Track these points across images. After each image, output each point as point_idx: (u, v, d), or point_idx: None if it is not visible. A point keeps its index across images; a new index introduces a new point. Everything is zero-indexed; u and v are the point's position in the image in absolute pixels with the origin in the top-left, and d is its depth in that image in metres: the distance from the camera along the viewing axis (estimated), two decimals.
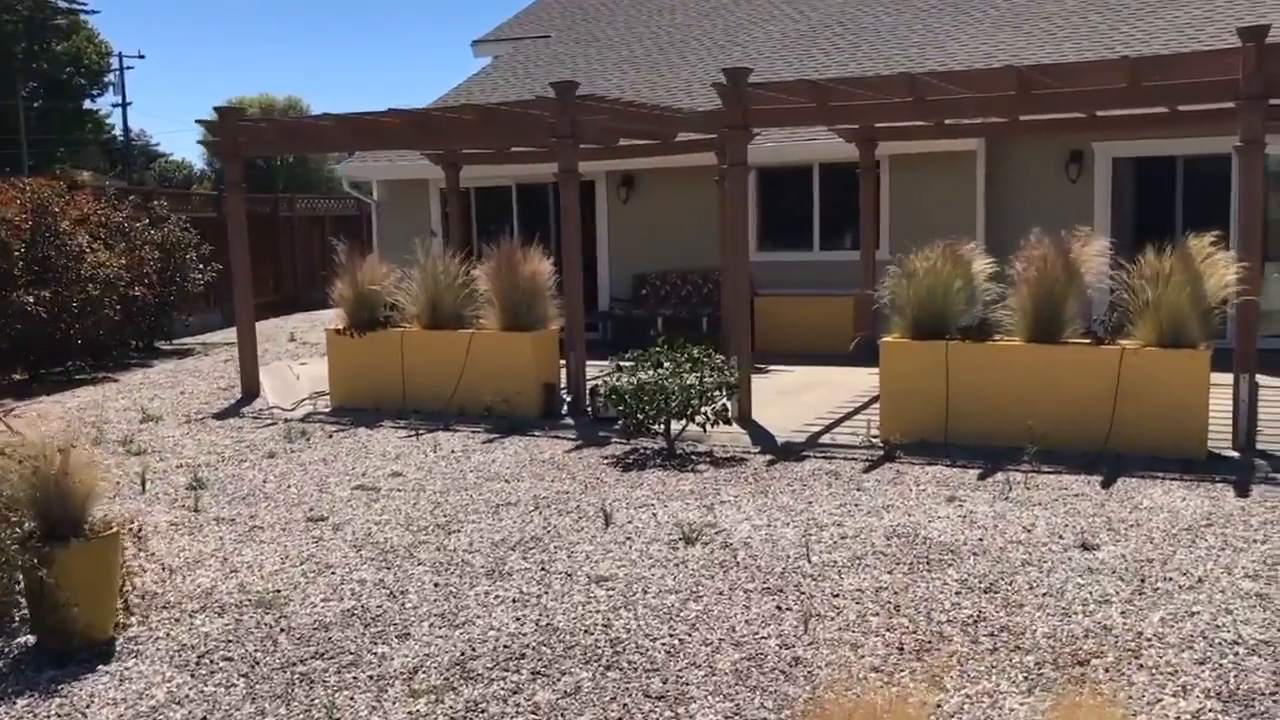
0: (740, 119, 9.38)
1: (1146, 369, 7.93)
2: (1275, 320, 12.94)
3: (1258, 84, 7.76)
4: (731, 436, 9.00)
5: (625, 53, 18.23)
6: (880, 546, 5.99)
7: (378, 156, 16.44)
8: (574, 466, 8.16)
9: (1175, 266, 7.89)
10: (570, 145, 10.07)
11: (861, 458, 8.27)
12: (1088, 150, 12.93)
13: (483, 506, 7.06)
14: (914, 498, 7.02)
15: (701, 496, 7.17)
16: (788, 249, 14.61)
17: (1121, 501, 6.79)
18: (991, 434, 8.26)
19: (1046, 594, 5.19)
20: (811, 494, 7.17)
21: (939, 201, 13.45)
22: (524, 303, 10.20)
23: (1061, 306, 8.33)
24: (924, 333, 8.74)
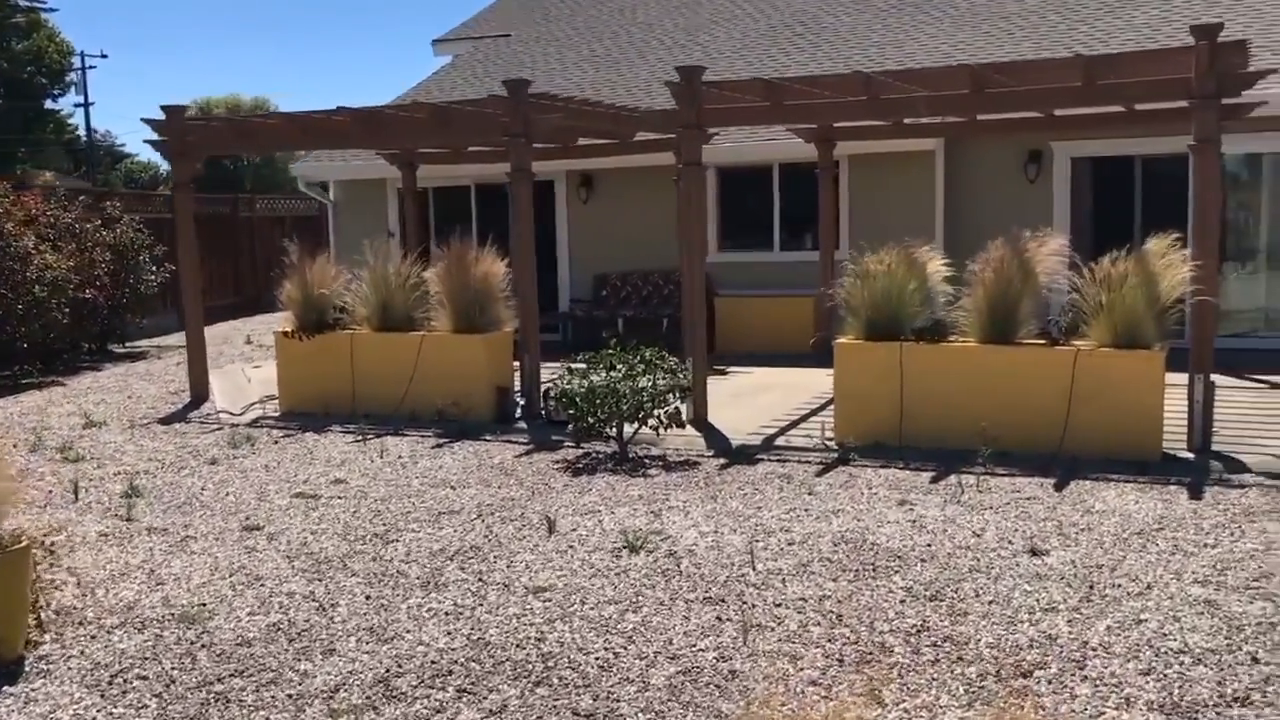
0: (694, 118, 9.24)
1: (1101, 370, 7.85)
2: (1234, 320, 12.96)
3: (1210, 83, 7.70)
4: (686, 440, 8.86)
5: (586, 51, 18.07)
6: (827, 553, 5.86)
7: (333, 156, 16.20)
8: (523, 472, 7.99)
9: (1130, 267, 7.82)
10: (523, 144, 9.90)
11: (815, 460, 8.15)
12: (1046, 150, 12.89)
13: (424, 514, 6.88)
14: (865, 502, 6.90)
15: (650, 502, 7.02)
16: (748, 249, 14.50)
17: (1074, 505, 6.69)
18: (946, 436, 8.16)
19: (993, 602, 5.08)
20: (762, 499, 7.04)
21: (898, 201, 13.37)
22: (476, 304, 10.02)
23: (1016, 307, 8.25)
24: (879, 334, 8.63)
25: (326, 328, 10.62)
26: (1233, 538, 5.95)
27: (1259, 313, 12.90)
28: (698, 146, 9.37)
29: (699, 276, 9.59)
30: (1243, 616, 4.81)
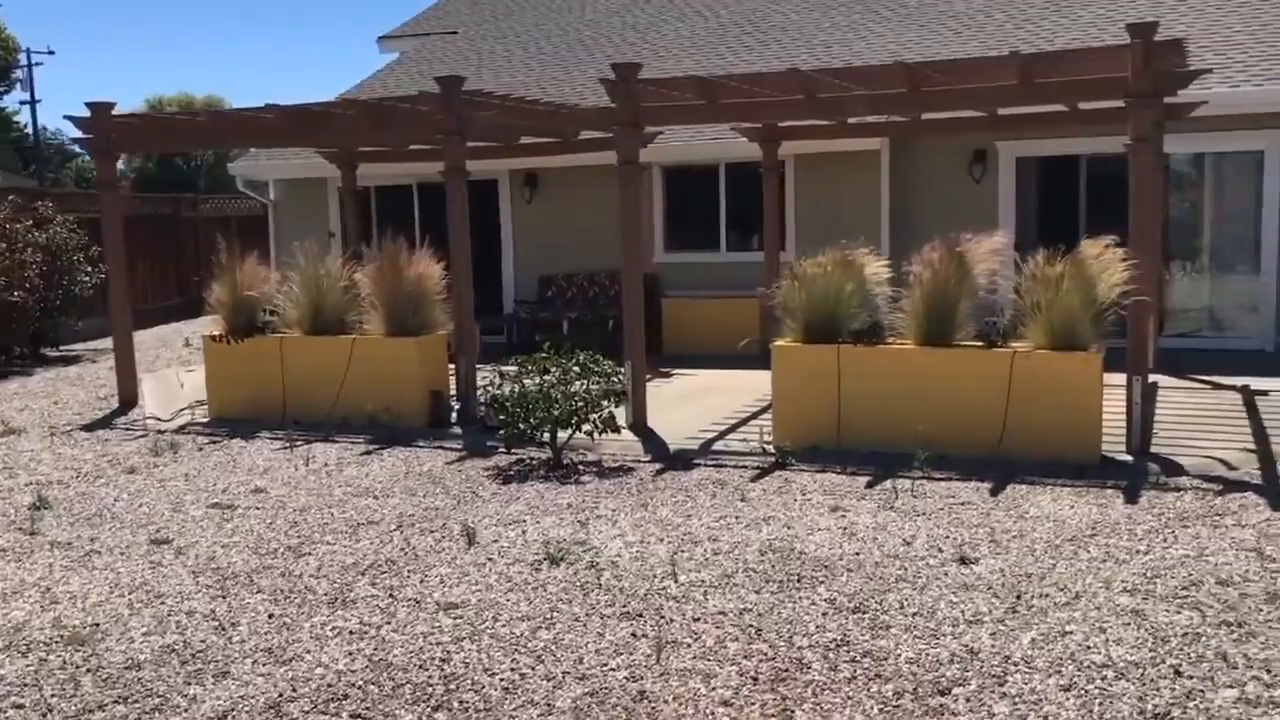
0: (631, 116, 9.05)
1: (1038, 372, 7.75)
2: (1179, 319, 12.97)
3: (1147, 82, 7.62)
4: (624, 445, 8.68)
5: (533, 49, 17.84)
6: (753, 563, 5.69)
7: (272, 155, 15.87)
8: (451, 480, 7.77)
9: (1067, 268, 7.72)
10: (457, 142, 9.67)
11: (752, 465, 8.00)
12: (991, 149, 12.84)
13: (342, 526, 6.65)
14: (797, 508, 6.75)
15: (579, 511, 6.83)
16: (696, 250, 14.35)
17: (1008, 510, 6.58)
18: (884, 439, 8.03)
19: (917, 614, 4.93)
20: (693, 506, 6.87)
21: (845, 202, 13.27)
22: (410, 307, 9.77)
23: (954, 309, 8.14)
24: (816, 336, 8.50)
25: (256, 331, 10.33)
26: (1165, 544, 5.85)
27: (1203, 312, 12.92)
28: (635, 145, 9.19)
29: (638, 279, 9.40)
30: (1169, 627, 4.69)
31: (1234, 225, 12.69)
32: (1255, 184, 12.15)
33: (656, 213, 14.36)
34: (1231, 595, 5.04)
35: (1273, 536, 5.90)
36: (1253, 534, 5.96)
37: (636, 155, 9.21)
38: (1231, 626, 4.67)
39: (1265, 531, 5.99)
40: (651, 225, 14.34)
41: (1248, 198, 12.35)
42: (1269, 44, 12.42)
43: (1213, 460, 7.70)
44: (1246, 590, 5.10)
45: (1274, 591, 5.06)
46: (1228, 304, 12.72)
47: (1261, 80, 11.74)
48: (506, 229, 15.12)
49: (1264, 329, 12.13)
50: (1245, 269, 12.46)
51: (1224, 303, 12.75)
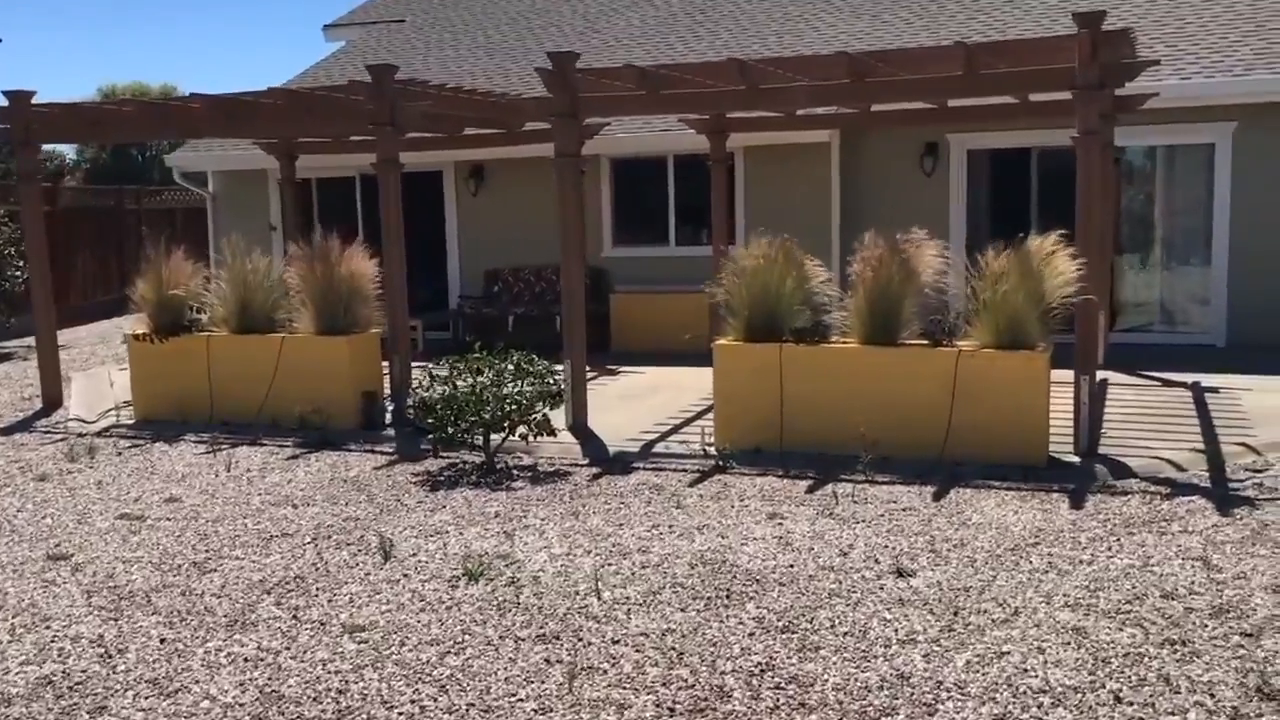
0: (568, 107, 8.74)
1: (983, 371, 7.54)
2: (1131, 314, 12.86)
3: (1094, 73, 7.41)
4: (562, 447, 8.39)
5: (481, 39, 17.46)
6: (682, 577, 5.42)
7: (210, 145, 15.40)
8: (377, 486, 7.45)
9: (1012, 265, 7.51)
10: (390, 133, 9.32)
11: (692, 469, 7.74)
12: (942, 142, 12.64)
13: (255, 538, 6.31)
14: (733, 516, 6.49)
15: (507, 520, 6.53)
16: (644, 244, 14.06)
17: (950, 517, 6.35)
18: (827, 441, 7.80)
19: (848, 633, 4.68)
20: (627, 514, 6.59)
21: (795, 195, 13.03)
22: (340, 304, 9.42)
23: (898, 307, 7.90)
24: (758, 335, 8.24)
25: (182, 330, 9.94)
26: (1109, 553, 5.64)
27: (1155, 307, 12.81)
28: (573, 137, 8.89)
29: (578, 275, 9.11)
30: (1110, 647, 4.47)
31: (1186, 219, 12.58)
32: (1206, 177, 12.04)
33: (604, 206, 14.06)
34: (1176, 610, 4.83)
35: (1219, 544, 5.71)
36: (1199, 542, 5.77)
37: (575, 147, 8.91)
38: (1175, 645, 4.46)
39: (1212, 539, 5.80)
40: (600, 219, 14.03)
41: (1199, 191, 12.24)
42: (1220, 35, 12.30)
43: (1161, 461, 7.53)
44: (1191, 604, 4.89)
45: (1219, 606, 4.86)
46: (1180, 298, 12.61)
47: (1212, 72, 11.62)
48: (451, 222, 14.76)
49: (1215, 324, 12.03)
50: (1197, 262, 12.36)
51: (1176, 297, 12.65)
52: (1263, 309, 11.68)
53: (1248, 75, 11.43)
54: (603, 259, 14.03)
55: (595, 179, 13.92)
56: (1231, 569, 5.33)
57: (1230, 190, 11.79)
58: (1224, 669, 4.24)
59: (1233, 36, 12.22)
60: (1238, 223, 11.79)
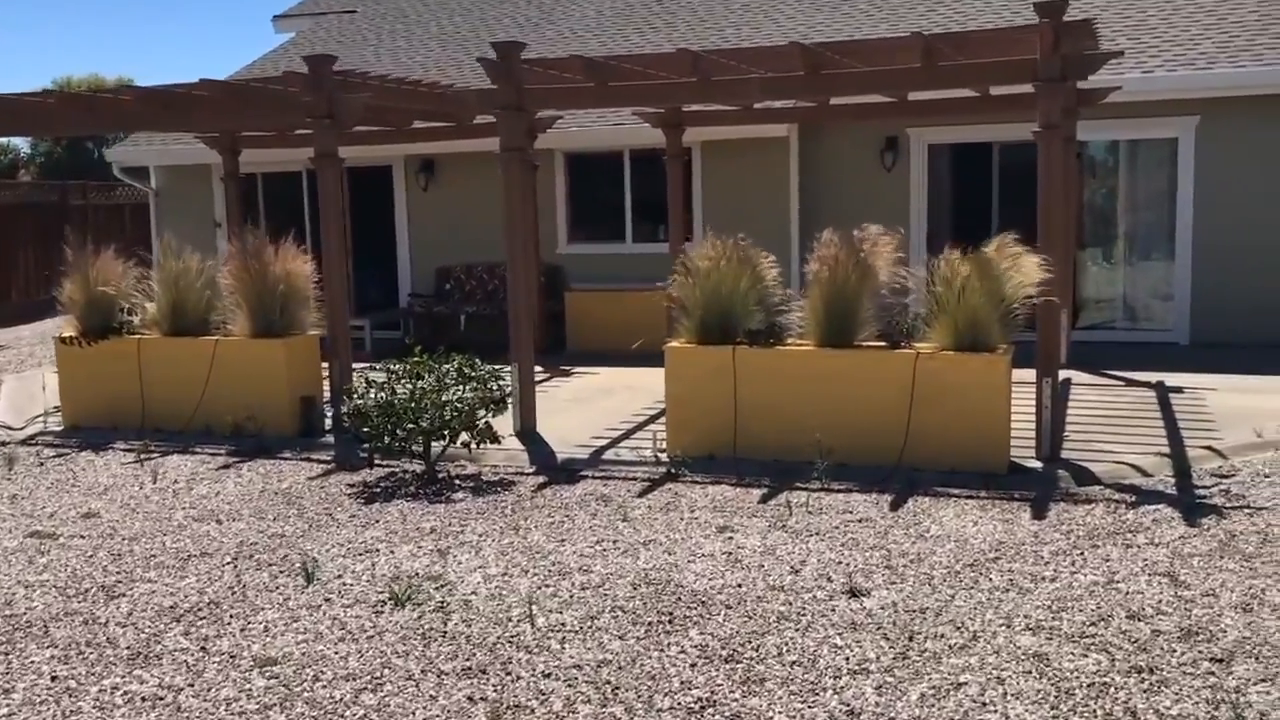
0: (513, 99, 8.39)
1: (942, 374, 7.27)
2: (1095, 310, 12.67)
3: (1055, 65, 7.15)
4: (508, 455, 8.05)
5: (434, 29, 17.04)
6: (623, 599, 5.10)
7: (152, 139, 14.90)
8: (310, 499, 7.07)
9: (972, 265, 7.24)
10: (327, 126, 8.91)
11: (643, 477, 7.42)
12: (903, 137, 12.38)
13: (171, 558, 5.92)
14: (682, 529, 6.17)
15: (442, 536, 6.18)
16: (600, 241, 13.72)
17: (907, 528, 6.07)
18: (783, 447, 7.50)
19: (797, 662, 4.37)
20: (570, 528, 6.26)
21: (753, 190, 12.74)
22: (276, 305, 9.00)
23: (855, 307, 7.61)
24: (712, 336, 7.93)
25: (112, 332, 9.49)
26: (1073, 568, 5.37)
27: (1118, 303, 12.63)
28: (519, 130, 8.54)
29: (524, 274, 8.77)
30: (1074, 675, 4.19)
31: (1149, 214, 12.41)
32: (1169, 172, 11.86)
33: (559, 202, 13.70)
34: (1143, 632, 4.56)
35: (1187, 557, 5.46)
36: (1166, 555, 5.52)
37: (521, 141, 8.56)
38: (1142, 673, 4.19)
39: (1179, 551, 5.56)
40: (554, 215, 13.68)
41: (1162, 186, 12.05)
42: (1182, 29, 12.12)
43: (1126, 466, 7.29)
44: (1159, 626, 4.63)
45: (1188, 627, 4.60)
46: (1143, 295, 12.43)
47: (1175, 66, 11.43)
48: (401, 218, 14.34)
49: (1178, 321, 11.85)
50: (1160, 259, 12.18)
51: (1139, 294, 12.47)
52: (1226, 306, 11.52)
53: (1210, 69, 11.26)
54: (558, 256, 13.68)
55: (550, 174, 13.57)
56: (1200, 585, 5.08)
57: (1193, 185, 11.61)
58: (1194, 699, 3.97)
59: (1195, 30, 12.04)
60: (1201, 218, 11.62)
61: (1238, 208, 11.48)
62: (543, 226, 13.50)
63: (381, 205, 14.34)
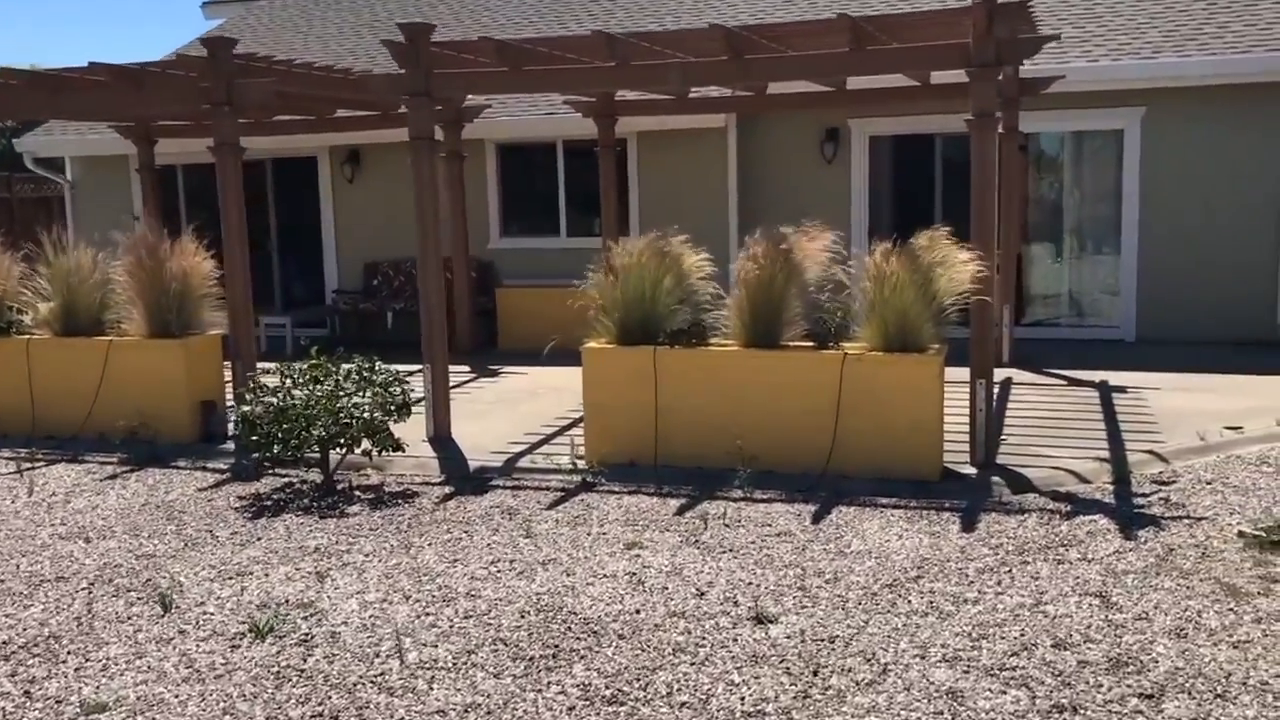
0: (423, 85, 7.89)
1: (870, 376, 6.87)
2: (1039, 305, 12.37)
3: (989, 50, 6.76)
4: (418, 463, 7.58)
5: (367, 15, 16.46)
6: (508, 629, 4.65)
7: (66, 128, 14.24)
8: (193, 513, 6.56)
9: (901, 261, 6.84)
10: (227, 114, 8.38)
11: (556, 486, 6.98)
12: (843, 127, 12.00)
13: (22, 584, 5.39)
14: (587, 546, 5.73)
15: (326, 556, 5.70)
16: (535, 235, 13.25)
17: (827, 543, 5.67)
18: (707, 454, 7.08)
19: (686, 703, 3.94)
20: (467, 546, 5.80)
21: (690, 183, 12.32)
22: (173, 304, 8.46)
23: (781, 306, 7.20)
24: (632, 337, 7.50)
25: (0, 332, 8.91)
26: (999, 588, 4.99)
27: (1064, 299, 12.33)
28: (429, 118, 8.06)
29: (436, 271, 8.29)
30: (989, 715, 3.79)
31: (1095, 207, 12.11)
32: (1116, 164, 11.55)
33: (491, 194, 13.22)
34: (1068, 664, 4.18)
35: (1120, 575, 5.09)
36: (1099, 572, 5.15)
37: (431, 130, 8.09)
38: (1064, 713, 3.80)
39: (1113, 569, 5.19)
40: (486, 208, 13.20)
41: (1109, 179, 11.76)
42: (1128, 17, 11.82)
43: (1063, 473, 6.94)
44: (1086, 655, 4.25)
45: (1117, 657, 4.22)
46: (1089, 290, 12.14)
47: (1120, 55, 11.13)
48: (327, 211, 13.78)
49: (1125, 317, 11.56)
50: (1106, 253, 11.89)
51: (1085, 289, 12.18)
52: (1172, 301, 11.25)
53: (1156, 58, 10.97)
54: (490, 251, 13.20)
55: (481, 165, 13.08)
56: (1132, 608, 4.71)
57: (1139, 178, 11.33)
58: None
59: (1140, 19, 11.75)
60: (1147, 212, 11.33)
61: (1184, 200, 11.21)
62: (474, 220, 13.00)
63: (307, 198, 13.78)
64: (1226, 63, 10.68)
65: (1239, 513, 5.96)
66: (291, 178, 13.86)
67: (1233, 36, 11.02)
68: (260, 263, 14.23)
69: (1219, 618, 4.57)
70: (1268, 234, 10.98)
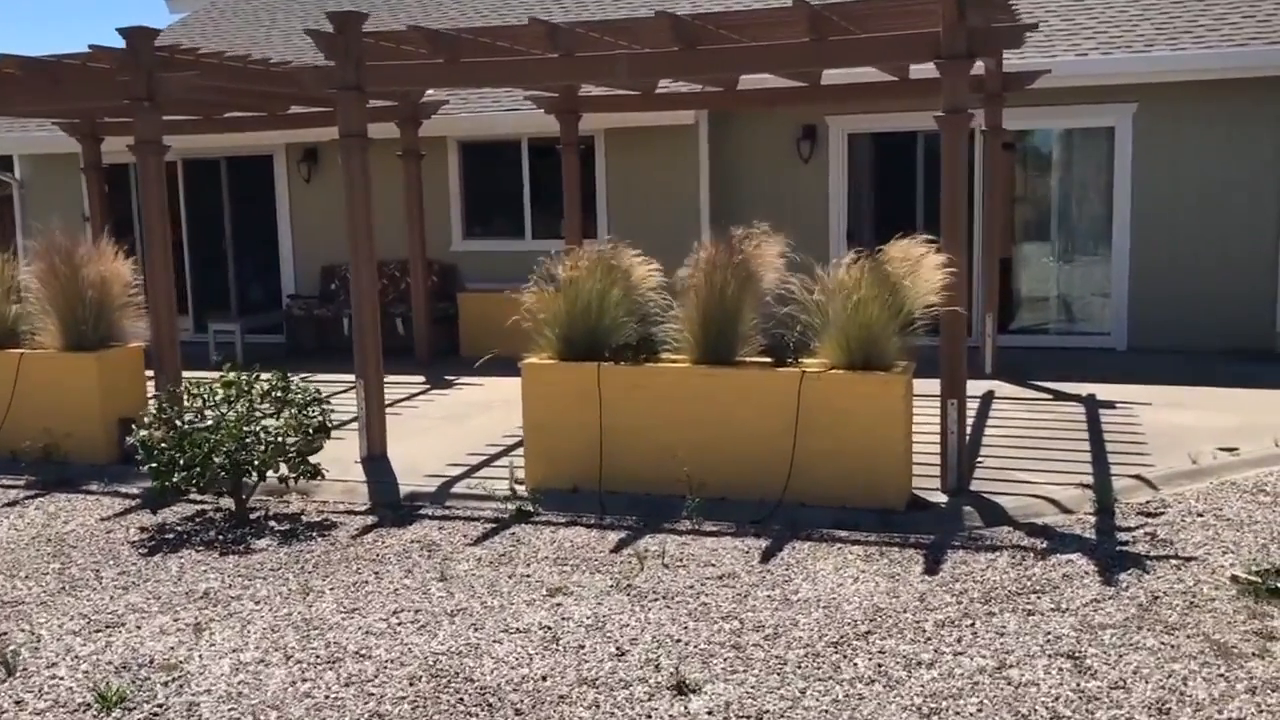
0: (353, 78, 7.30)
1: (831, 396, 6.28)
2: (1027, 310, 11.79)
3: (960, 40, 6.17)
4: (347, 487, 7.03)
5: (334, 6, 15.79)
6: (392, 699, 4.06)
7: (12, 125, 13.64)
8: (85, 548, 5.97)
9: (864, 272, 6.25)
10: (148, 109, 7.79)
11: (489, 516, 6.41)
12: (821, 125, 11.40)
13: None
14: (506, 592, 5.15)
15: (214, 603, 5.11)
16: (498, 236, 12.65)
17: (773, 589, 5.08)
18: (655, 479, 6.50)
19: None
20: (372, 591, 5.22)
21: (661, 184, 11.73)
22: (90, 314, 7.88)
23: (735, 319, 6.61)
24: (576, 352, 6.91)
25: None
26: (959, 646, 4.40)
27: (1052, 305, 11.74)
28: (360, 113, 7.46)
29: (370, 277, 7.71)
30: None
31: (1085, 209, 11.51)
32: (1107, 163, 10.96)
33: (453, 195, 12.63)
34: None
35: (1097, 631, 4.50)
36: (1073, 626, 4.56)
37: (363, 126, 7.49)
38: None
39: (1089, 621, 4.60)
40: (448, 209, 12.61)
41: (1099, 178, 11.16)
42: (1119, 9, 11.22)
43: (1042, 501, 6.36)
44: None
45: None
46: (1078, 296, 11.55)
47: (1111, 48, 10.53)
48: (283, 212, 13.18)
49: (1116, 324, 10.96)
50: (1097, 257, 11.29)
51: (1074, 294, 11.58)
52: (1165, 307, 10.65)
53: (1148, 52, 10.36)
54: (452, 254, 12.61)
55: (442, 165, 12.49)
56: (1109, 673, 4.12)
57: (1131, 177, 10.72)
58: None
59: (1132, 10, 11.15)
60: (1139, 213, 10.73)
61: (1178, 202, 10.61)
62: (436, 222, 12.44)
63: (264, 198, 13.19)
64: (1224, 56, 10.08)
65: (1232, 552, 5.38)
66: (247, 177, 13.27)
67: (1230, 28, 10.42)
68: (216, 266, 13.69)
69: (1207, 687, 3.99)
70: (1267, 237, 10.38)
